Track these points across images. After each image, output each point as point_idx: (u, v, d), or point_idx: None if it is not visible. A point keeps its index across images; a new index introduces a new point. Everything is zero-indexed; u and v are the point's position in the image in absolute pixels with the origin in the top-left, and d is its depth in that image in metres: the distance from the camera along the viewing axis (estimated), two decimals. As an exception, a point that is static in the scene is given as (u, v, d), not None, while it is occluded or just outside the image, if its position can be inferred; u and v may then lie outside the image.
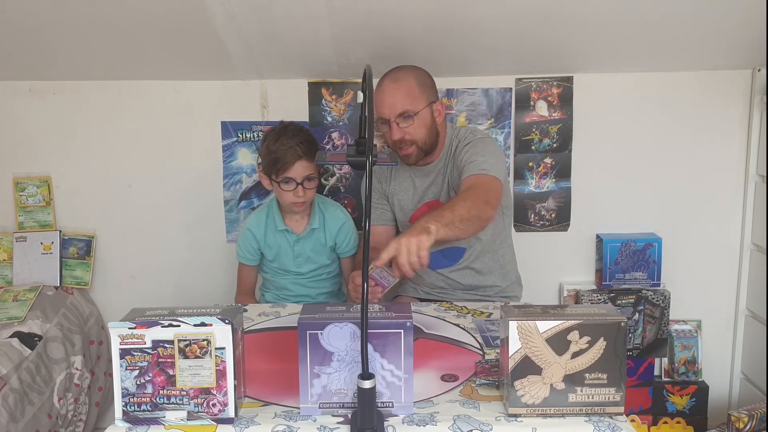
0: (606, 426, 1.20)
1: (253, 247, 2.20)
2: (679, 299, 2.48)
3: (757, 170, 2.44)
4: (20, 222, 2.55)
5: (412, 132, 1.99)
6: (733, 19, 2.08)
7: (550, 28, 2.11)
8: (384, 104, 1.98)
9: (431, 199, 2.14)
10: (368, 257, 1.17)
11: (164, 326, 1.20)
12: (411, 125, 1.98)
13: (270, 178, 2.09)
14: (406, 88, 1.98)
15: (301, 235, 2.16)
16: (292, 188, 2.05)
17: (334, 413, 1.25)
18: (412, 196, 2.17)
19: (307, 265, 2.19)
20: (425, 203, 2.15)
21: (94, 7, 1.99)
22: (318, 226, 2.16)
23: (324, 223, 2.18)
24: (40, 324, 2.26)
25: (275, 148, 2.04)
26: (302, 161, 2.03)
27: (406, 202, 2.18)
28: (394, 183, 2.19)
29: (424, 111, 2.00)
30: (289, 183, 2.04)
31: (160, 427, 1.22)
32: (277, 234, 2.17)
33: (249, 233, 2.19)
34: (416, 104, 1.98)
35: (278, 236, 2.17)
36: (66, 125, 2.52)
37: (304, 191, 2.05)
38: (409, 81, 1.99)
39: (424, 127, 2.01)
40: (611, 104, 2.45)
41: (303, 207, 2.12)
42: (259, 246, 2.20)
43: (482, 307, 1.91)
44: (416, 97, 1.98)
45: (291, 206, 2.10)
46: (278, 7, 1.99)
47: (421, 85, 2.00)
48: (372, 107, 1.28)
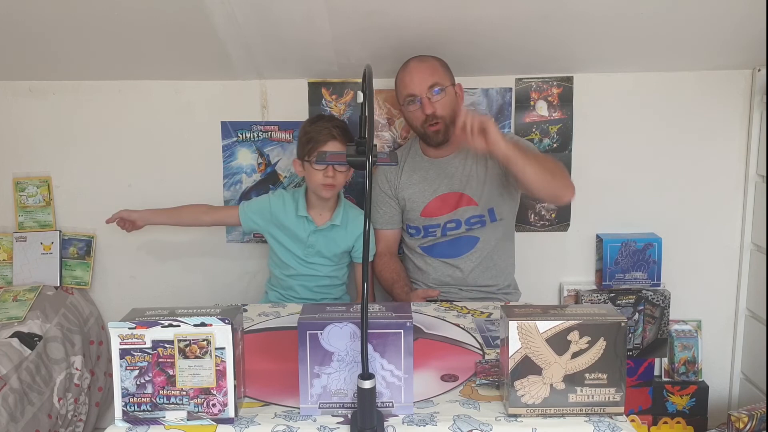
0: (606, 426, 1.20)
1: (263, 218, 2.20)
2: (679, 299, 2.48)
3: (757, 170, 2.44)
4: (20, 222, 2.55)
5: (441, 107, 2.07)
6: (733, 19, 2.08)
7: (550, 28, 2.11)
8: (414, 81, 2.06)
9: (445, 191, 2.16)
10: (368, 257, 1.17)
11: (164, 326, 1.20)
12: (442, 98, 2.06)
13: (303, 160, 2.13)
14: (433, 67, 2.09)
15: (320, 227, 2.17)
16: (323, 168, 2.08)
17: (334, 413, 1.25)
18: (425, 189, 2.18)
19: (315, 258, 2.20)
20: (438, 196, 2.16)
21: (94, 7, 1.99)
22: (339, 224, 2.18)
23: (347, 224, 2.20)
24: (40, 324, 2.26)
25: (311, 128, 2.14)
26: (335, 142, 2.09)
27: (416, 195, 2.19)
28: (405, 177, 2.20)
29: (450, 88, 2.10)
30: (320, 163, 2.08)
31: (160, 427, 1.22)
32: (297, 219, 2.17)
33: (267, 204, 2.20)
34: (444, 80, 2.08)
35: (297, 222, 2.18)
36: (66, 125, 2.52)
37: (334, 172, 2.09)
38: (433, 62, 2.10)
39: (451, 104, 2.09)
40: (611, 104, 2.45)
41: (332, 192, 2.13)
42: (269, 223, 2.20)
43: (482, 307, 1.91)
44: (443, 74, 2.09)
45: (320, 189, 2.11)
46: (278, 8, 1.99)
47: (444, 66, 2.11)
48: (372, 107, 1.27)
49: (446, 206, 2.16)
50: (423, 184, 2.19)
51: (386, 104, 2.46)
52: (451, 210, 2.16)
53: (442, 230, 2.17)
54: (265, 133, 2.49)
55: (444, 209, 2.16)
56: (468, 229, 2.16)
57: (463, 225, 2.16)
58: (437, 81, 2.05)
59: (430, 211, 2.18)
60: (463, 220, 2.15)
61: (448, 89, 2.08)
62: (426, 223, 2.19)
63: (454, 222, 2.16)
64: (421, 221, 2.20)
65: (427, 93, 2.04)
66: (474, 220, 2.15)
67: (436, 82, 2.05)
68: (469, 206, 2.15)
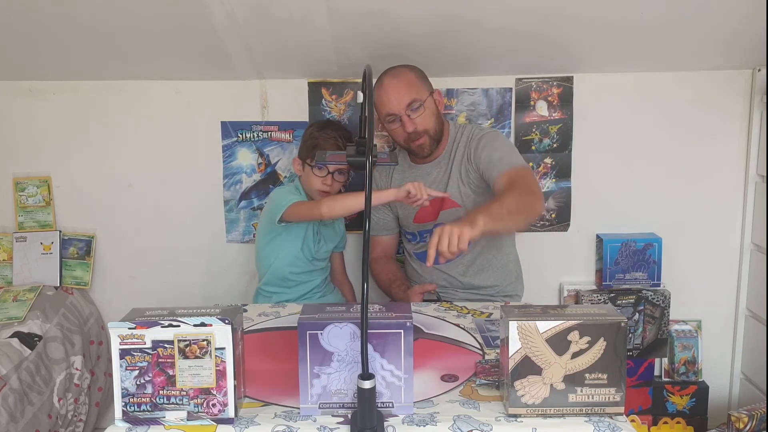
0: (606, 426, 1.20)
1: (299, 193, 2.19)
2: (679, 299, 2.48)
3: (757, 170, 2.44)
4: (20, 222, 2.55)
5: (423, 121, 2.04)
6: (733, 19, 2.08)
7: (550, 28, 2.11)
8: (390, 100, 2.02)
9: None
10: (368, 257, 1.17)
11: (164, 326, 1.20)
12: (421, 114, 2.03)
13: (304, 162, 2.16)
14: (408, 81, 2.03)
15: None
16: (324, 175, 2.12)
17: (334, 413, 1.25)
18: None
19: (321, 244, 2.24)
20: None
21: (95, 7, 1.99)
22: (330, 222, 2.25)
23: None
24: (40, 324, 2.26)
25: (318, 134, 2.15)
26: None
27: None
28: (395, 184, 2.19)
29: (429, 100, 2.06)
30: (321, 169, 2.12)
31: (160, 427, 1.22)
32: None
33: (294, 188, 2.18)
34: (421, 93, 2.04)
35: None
36: (66, 125, 2.52)
37: (332, 181, 2.14)
38: (408, 74, 2.05)
39: (432, 115, 2.07)
40: (611, 104, 2.45)
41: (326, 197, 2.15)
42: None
43: (482, 307, 1.91)
44: (419, 87, 2.04)
45: (315, 194, 2.16)
46: (278, 7, 1.99)
47: (419, 77, 2.07)
48: (372, 107, 1.27)
49: (434, 211, 2.15)
50: None
51: (386, 104, 2.46)
52: (436, 215, 2.15)
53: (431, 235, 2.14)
54: (265, 133, 2.49)
55: (433, 215, 2.16)
56: None
57: None
58: (414, 97, 2.00)
59: (422, 217, 2.18)
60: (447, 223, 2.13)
61: (427, 101, 2.03)
62: (420, 229, 2.20)
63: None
64: (415, 227, 2.21)
65: (406, 111, 2.01)
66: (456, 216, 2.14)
67: (413, 99, 2.00)
68: (452, 208, 2.13)
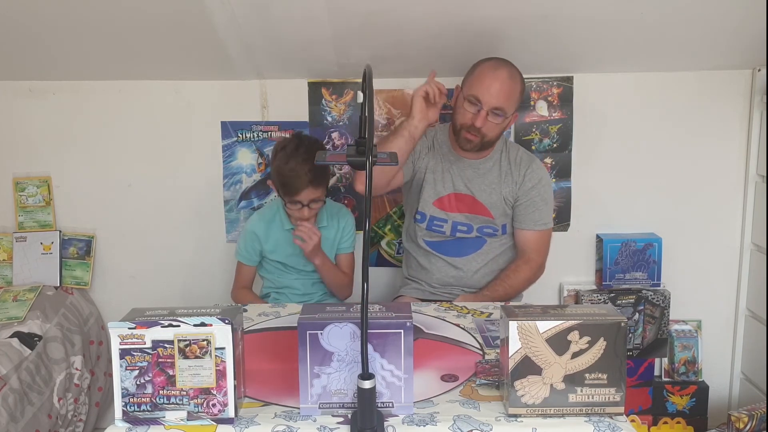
0: (606, 426, 1.20)
1: (255, 248, 2.21)
2: (679, 299, 2.48)
3: (757, 170, 2.44)
4: (20, 222, 2.55)
5: (492, 128, 2.03)
6: (733, 19, 2.08)
7: (550, 28, 2.11)
8: (490, 90, 1.99)
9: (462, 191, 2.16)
10: (368, 257, 1.17)
11: (164, 326, 1.20)
12: (497, 122, 2.02)
13: (278, 192, 2.14)
14: (514, 90, 2.02)
15: None
16: (298, 208, 2.10)
17: (334, 413, 1.25)
18: (444, 179, 2.17)
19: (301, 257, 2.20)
20: (454, 193, 2.16)
21: (95, 7, 1.99)
22: (326, 224, 2.20)
23: (330, 219, 2.22)
24: (40, 324, 2.26)
25: (285, 171, 2.05)
26: (310, 188, 2.06)
27: (438, 181, 2.17)
28: (434, 160, 2.17)
29: (511, 117, 2.07)
30: (295, 204, 2.09)
31: (160, 427, 1.22)
32: (284, 233, 2.19)
33: (252, 235, 2.20)
34: (511, 108, 2.03)
35: (286, 235, 2.18)
36: (66, 125, 2.52)
37: (309, 211, 2.11)
38: (519, 86, 2.04)
39: (500, 129, 2.07)
40: (611, 104, 2.45)
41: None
42: (262, 247, 2.21)
43: (482, 307, 1.91)
44: (515, 102, 2.04)
45: (293, 221, 2.16)
46: (278, 8, 1.99)
47: (521, 93, 2.06)
48: (372, 107, 1.27)
49: (463, 205, 2.16)
50: (445, 174, 2.17)
51: (386, 104, 2.46)
52: (464, 210, 2.15)
53: (451, 229, 2.16)
54: (265, 133, 2.49)
55: (461, 207, 2.16)
56: (478, 236, 2.17)
57: (475, 231, 2.16)
58: (504, 108, 1.99)
59: (444, 205, 2.17)
60: (475, 227, 2.16)
61: (509, 117, 2.05)
62: (435, 214, 2.17)
63: (466, 226, 2.16)
64: (431, 209, 2.17)
65: (491, 110, 1.99)
66: (487, 230, 2.17)
67: (503, 107, 1.99)
68: (485, 217, 2.15)
